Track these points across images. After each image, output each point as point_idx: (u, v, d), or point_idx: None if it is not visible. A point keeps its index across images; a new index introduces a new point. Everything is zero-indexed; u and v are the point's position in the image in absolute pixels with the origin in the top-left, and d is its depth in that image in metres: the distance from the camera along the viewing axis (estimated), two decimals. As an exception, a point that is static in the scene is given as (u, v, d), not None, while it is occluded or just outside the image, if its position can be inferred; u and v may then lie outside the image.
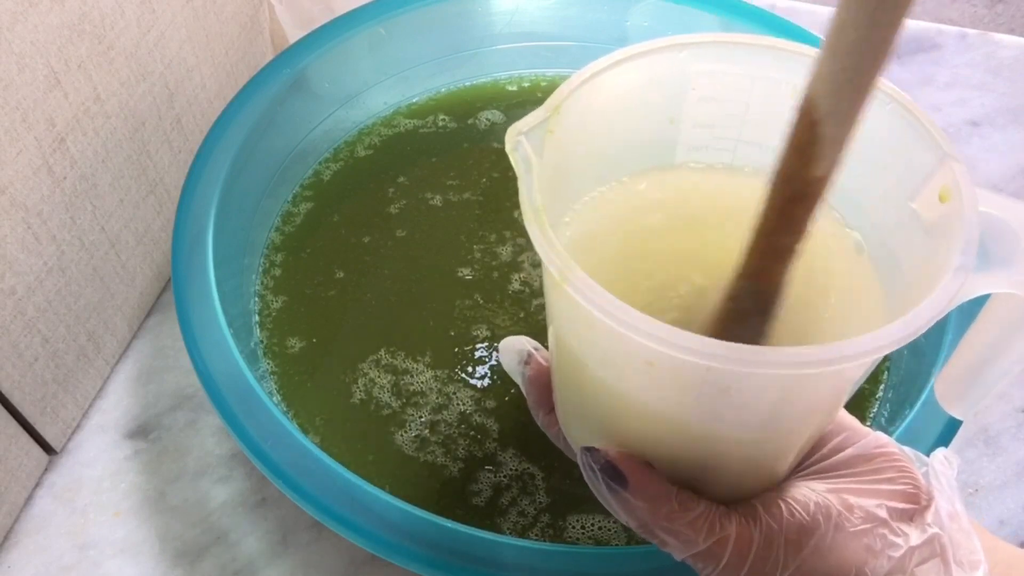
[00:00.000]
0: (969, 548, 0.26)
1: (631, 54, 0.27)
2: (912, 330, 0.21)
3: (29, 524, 0.42)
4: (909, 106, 0.26)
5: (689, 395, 0.24)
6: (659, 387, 0.24)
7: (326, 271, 0.49)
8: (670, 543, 0.26)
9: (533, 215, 0.23)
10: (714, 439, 0.25)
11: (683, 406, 0.24)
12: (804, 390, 0.24)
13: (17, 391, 0.40)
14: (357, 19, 0.54)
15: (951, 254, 0.22)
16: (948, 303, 0.21)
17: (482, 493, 0.40)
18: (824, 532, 0.25)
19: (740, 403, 0.24)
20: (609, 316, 0.21)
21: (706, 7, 0.55)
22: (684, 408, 0.24)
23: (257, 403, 0.37)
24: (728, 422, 0.25)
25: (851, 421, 0.29)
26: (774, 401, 0.24)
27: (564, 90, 0.26)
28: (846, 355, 0.20)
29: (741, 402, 0.24)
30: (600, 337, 0.24)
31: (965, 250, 0.22)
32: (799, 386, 0.24)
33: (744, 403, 0.24)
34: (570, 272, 0.22)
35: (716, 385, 0.23)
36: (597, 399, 0.27)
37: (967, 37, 0.68)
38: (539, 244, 0.23)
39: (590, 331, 0.24)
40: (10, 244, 0.38)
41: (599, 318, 0.21)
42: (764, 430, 0.25)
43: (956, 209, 0.23)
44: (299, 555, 0.41)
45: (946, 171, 0.24)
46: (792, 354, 0.20)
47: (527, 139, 0.25)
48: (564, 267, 0.22)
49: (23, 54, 0.36)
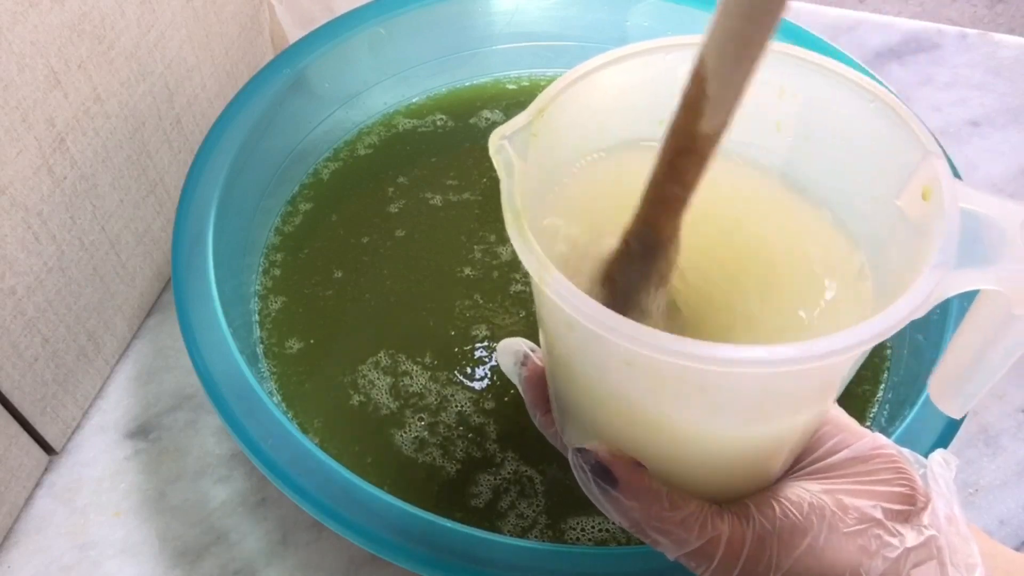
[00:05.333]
0: (966, 551, 0.26)
1: (617, 57, 0.28)
2: (888, 326, 0.21)
3: (29, 524, 0.42)
4: (892, 104, 0.26)
5: (668, 394, 0.24)
6: (639, 387, 0.24)
7: (325, 271, 0.49)
8: (662, 542, 0.26)
9: (513, 218, 0.23)
10: (700, 438, 0.25)
11: (664, 405, 0.24)
12: (785, 388, 0.24)
13: (17, 391, 0.40)
14: (357, 19, 0.54)
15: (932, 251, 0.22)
16: (925, 299, 0.21)
17: (481, 495, 0.40)
18: (818, 532, 0.26)
19: (720, 401, 0.24)
20: (585, 317, 0.21)
21: (706, 7, 0.55)
22: (666, 407, 0.24)
23: (257, 403, 0.37)
24: (711, 420, 0.25)
25: (848, 422, 0.29)
26: (755, 399, 0.24)
27: (549, 93, 0.27)
28: (819, 353, 0.20)
29: (721, 400, 0.24)
30: (581, 339, 0.24)
31: (944, 247, 0.22)
32: (779, 384, 0.24)
33: (724, 401, 0.24)
34: (547, 274, 0.22)
35: (694, 384, 0.23)
36: (585, 400, 0.27)
37: (967, 37, 0.68)
38: (518, 246, 0.23)
39: (571, 332, 0.24)
40: (10, 244, 0.38)
41: (577, 320, 0.22)
42: (748, 428, 0.25)
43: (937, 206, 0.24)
44: (299, 555, 0.41)
45: (928, 169, 0.24)
46: (765, 353, 0.20)
47: (510, 143, 0.25)
48: (541, 269, 0.22)
49: (23, 54, 0.36)
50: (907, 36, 0.68)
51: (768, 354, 0.20)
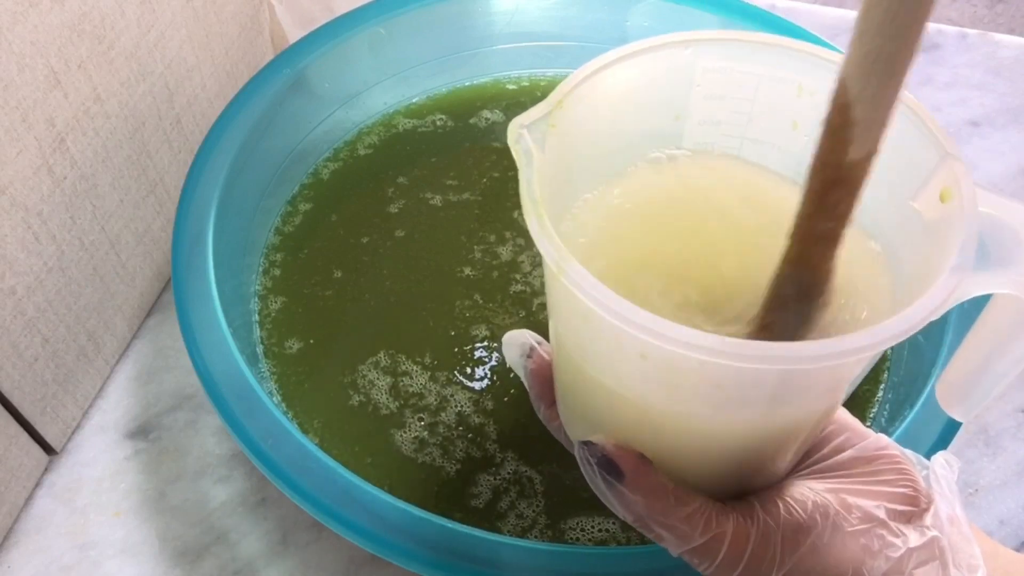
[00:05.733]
0: (968, 552, 0.26)
1: (635, 50, 0.27)
2: (906, 327, 0.21)
3: (29, 524, 0.42)
4: (912, 104, 0.26)
5: (682, 389, 0.24)
6: (653, 381, 0.24)
7: (325, 271, 0.49)
8: (666, 538, 0.26)
9: (532, 207, 0.23)
10: (708, 433, 0.25)
11: (676, 400, 0.24)
12: (799, 386, 0.24)
13: (17, 391, 0.40)
14: (357, 19, 0.54)
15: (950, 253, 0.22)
16: (943, 302, 0.21)
17: (481, 495, 0.40)
18: (821, 531, 0.26)
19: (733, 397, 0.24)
20: (603, 308, 0.21)
21: (706, 7, 0.55)
22: (677, 402, 0.24)
23: (257, 403, 0.37)
24: (721, 416, 0.25)
25: (853, 422, 0.29)
26: (769, 396, 0.24)
27: (567, 85, 0.26)
28: (838, 351, 0.20)
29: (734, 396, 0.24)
30: (595, 330, 0.24)
31: (962, 250, 0.22)
32: (794, 382, 0.24)
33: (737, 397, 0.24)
34: (566, 264, 0.22)
35: (709, 379, 0.23)
36: (594, 392, 0.27)
37: (967, 37, 0.68)
38: (537, 236, 0.23)
39: (586, 324, 0.24)
40: (10, 244, 0.38)
41: (593, 310, 0.21)
42: (758, 425, 0.25)
43: (956, 209, 0.23)
44: (299, 555, 0.41)
45: (947, 171, 0.24)
46: (785, 349, 0.20)
47: (529, 132, 0.25)
48: (560, 259, 0.22)
49: (23, 54, 0.36)
50: (907, 36, 0.68)
51: (787, 351, 0.20)
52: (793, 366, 0.21)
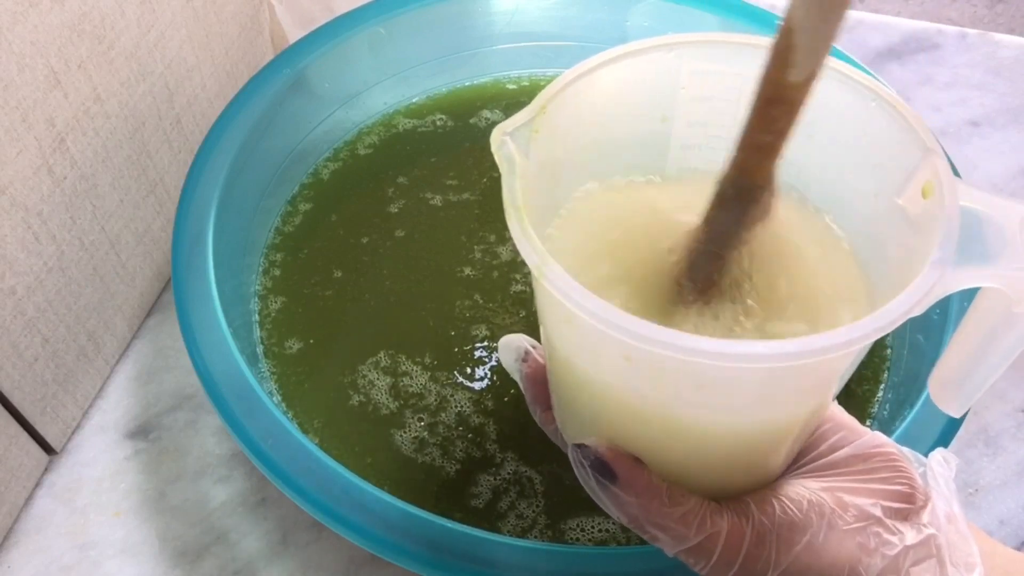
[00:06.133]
0: (966, 550, 0.26)
1: (619, 54, 0.28)
2: (886, 322, 0.21)
3: (29, 524, 0.42)
4: (893, 101, 0.26)
5: (668, 389, 0.24)
6: (639, 382, 0.24)
7: (325, 271, 0.49)
8: (661, 538, 0.26)
9: (514, 212, 0.24)
10: (698, 433, 0.25)
11: (664, 400, 0.24)
12: (784, 383, 0.24)
13: (17, 391, 0.40)
14: (357, 19, 0.54)
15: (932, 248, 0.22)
16: (924, 296, 0.22)
17: (481, 495, 0.40)
18: (817, 530, 0.26)
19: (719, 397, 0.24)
20: (584, 311, 0.21)
21: (706, 7, 0.55)
22: (665, 403, 0.25)
23: (257, 403, 0.37)
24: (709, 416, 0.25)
25: (848, 420, 0.29)
26: (753, 394, 0.24)
27: (551, 90, 0.27)
28: (820, 348, 0.21)
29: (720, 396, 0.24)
30: (579, 333, 0.24)
31: (943, 244, 0.22)
32: (778, 379, 0.24)
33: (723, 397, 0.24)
34: (547, 267, 0.22)
35: (692, 379, 0.23)
36: (585, 395, 0.27)
37: (967, 37, 0.68)
38: (519, 240, 0.23)
39: (570, 327, 0.24)
40: (10, 244, 0.38)
41: (575, 313, 0.22)
42: (747, 423, 0.25)
43: (937, 204, 0.24)
44: (299, 555, 0.41)
45: (928, 166, 0.25)
46: (764, 348, 0.20)
47: (512, 139, 0.25)
48: (541, 263, 0.22)
49: (23, 54, 0.36)
50: (907, 36, 0.68)
51: (766, 349, 0.20)
52: (775, 364, 0.21)
